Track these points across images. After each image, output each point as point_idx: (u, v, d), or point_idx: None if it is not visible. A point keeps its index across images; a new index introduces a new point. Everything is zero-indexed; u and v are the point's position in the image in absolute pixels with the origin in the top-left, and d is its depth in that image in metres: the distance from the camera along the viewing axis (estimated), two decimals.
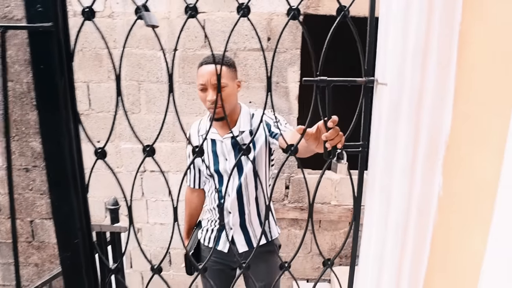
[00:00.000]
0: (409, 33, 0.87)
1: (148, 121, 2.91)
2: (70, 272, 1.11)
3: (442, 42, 0.85)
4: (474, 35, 0.80)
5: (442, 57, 0.86)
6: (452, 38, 0.84)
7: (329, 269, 1.00)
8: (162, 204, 3.10)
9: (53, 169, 1.00)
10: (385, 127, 0.94)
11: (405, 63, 0.89)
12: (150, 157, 0.99)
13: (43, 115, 0.95)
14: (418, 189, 0.93)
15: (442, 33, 0.84)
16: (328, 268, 0.94)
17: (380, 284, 1.02)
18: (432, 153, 0.90)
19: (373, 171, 1.00)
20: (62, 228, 1.07)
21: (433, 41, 0.85)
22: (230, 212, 1.97)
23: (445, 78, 0.87)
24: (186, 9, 0.81)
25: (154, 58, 2.85)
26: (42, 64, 0.91)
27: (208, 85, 1.77)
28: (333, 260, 0.93)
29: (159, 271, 1.07)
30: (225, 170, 1.92)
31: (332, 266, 0.96)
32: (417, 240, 0.95)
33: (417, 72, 0.88)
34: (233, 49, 2.87)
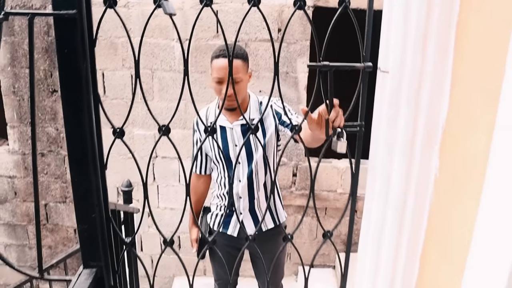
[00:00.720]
0: (409, 25, 0.92)
1: (160, 109, 2.99)
2: (87, 244, 1.18)
3: (440, 33, 0.90)
4: (471, 25, 0.85)
5: (440, 47, 0.91)
6: (450, 29, 0.90)
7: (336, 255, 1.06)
8: (173, 190, 3.18)
9: (74, 147, 1.07)
10: (386, 112, 1.00)
11: (405, 53, 0.94)
12: (161, 144, 1.05)
13: (66, 96, 1.01)
14: (416, 171, 0.99)
15: (441, 25, 0.90)
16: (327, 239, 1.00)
17: (379, 256, 1.09)
18: (430, 137, 0.96)
19: (375, 154, 1.06)
20: (80, 202, 1.14)
21: (432, 32, 0.91)
22: (241, 197, 2.03)
23: (443, 67, 0.92)
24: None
25: (167, 47, 2.91)
26: (66, 48, 0.98)
27: (225, 79, 1.82)
28: (332, 232, 0.99)
29: (171, 244, 1.14)
30: (234, 156, 1.98)
31: (331, 237, 1.02)
32: (415, 217, 1.01)
33: (416, 61, 0.93)
34: (245, 39, 2.93)
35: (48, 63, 2.95)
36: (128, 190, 2.14)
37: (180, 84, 3.00)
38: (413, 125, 0.97)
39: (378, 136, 1.04)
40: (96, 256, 1.18)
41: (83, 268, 1.20)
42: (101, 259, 1.18)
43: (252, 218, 2.08)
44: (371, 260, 1.13)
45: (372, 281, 1.16)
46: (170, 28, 2.89)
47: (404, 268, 1.09)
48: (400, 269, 1.10)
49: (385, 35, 1.01)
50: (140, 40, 1.00)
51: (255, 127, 0.93)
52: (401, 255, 1.09)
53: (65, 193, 3.27)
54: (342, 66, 0.82)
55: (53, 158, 3.17)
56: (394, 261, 1.10)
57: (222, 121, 1.98)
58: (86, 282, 1.14)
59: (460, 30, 0.88)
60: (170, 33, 2.90)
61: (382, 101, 1.02)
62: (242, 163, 1.98)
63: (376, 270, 1.14)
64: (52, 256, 3.48)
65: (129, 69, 2.96)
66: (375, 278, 1.15)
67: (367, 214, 1.13)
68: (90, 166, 1.09)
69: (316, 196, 3.09)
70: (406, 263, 1.09)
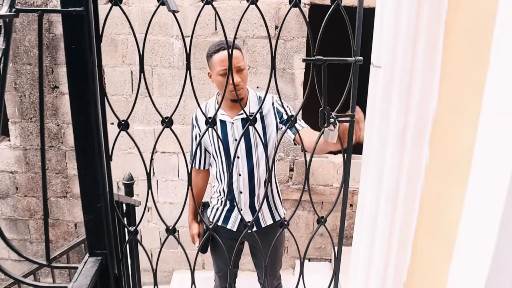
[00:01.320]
0: (400, 23, 0.97)
1: (160, 104, 3.03)
2: (93, 233, 1.23)
3: (430, 30, 0.95)
4: (458, 23, 0.90)
5: (429, 43, 0.96)
6: (439, 27, 0.94)
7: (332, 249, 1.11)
8: (172, 184, 3.23)
9: (81, 139, 1.11)
10: (379, 105, 1.05)
11: (397, 49, 0.99)
12: (160, 139, 1.10)
13: (73, 89, 1.06)
14: (408, 161, 1.04)
15: (430, 22, 0.95)
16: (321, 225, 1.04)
17: (373, 243, 1.14)
18: (420, 128, 1.01)
19: (368, 145, 1.11)
20: (86, 193, 1.18)
21: (422, 29, 0.96)
22: (241, 192, 2.08)
23: (432, 62, 0.97)
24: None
25: (166, 44, 2.95)
26: (73, 44, 1.02)
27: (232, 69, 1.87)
28: (325, 218, 1.04)
29: (173, 232, 1.19)
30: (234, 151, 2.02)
31: (325, 223, 1.07)
32: (407, 204, 1.06)
33: (407, 57, 0.98)
34: (242, 36, 2.97)
35: (49, 60, 2.99)
36: (129, 183, 2.19)
37: (179, 80, 3.05)
38: (404, 117, 1.02)
39: (372, 128, 1.09)
40: (101, 244, 1.22)
41: (88, 256, 1.24)
42: (106, 248, 1.23)
43: (251, 214, 2.13)
44: (365, 247, 1.18)
45: (366, 268, 1.21)
46: (169, 25, 2.93)
47: (397, 255, 1.14)
48: (393, 257, 1.15)
49: (377, 32, 1.06)
50: (144, 37, 1.05)
51: (253, 118, 0.98)
52: (393, 243, 1.14)
53: (66, 188, 3.32)
54: (335, 60, 0.87)
55: (54, 154, 3.22)
56: (387, 249, 1.15)
57: (222, 116, 2.02)
58: (92, 269, 1.19)
59: (448, 28, 0.93)
60: (169, 30, 2.94)
61: (375, 94, 1.07)
62: (241, 158, 2.03)
63: (370, 257, 1.19)
64: (53, 250, 3.52)
65: (129, 65, 3.00)
66: (369, 265, 1.20)
67: (361, 203, 1.18)
68: (96, 157, 1.13)
69: (313, 191, 3.14)
70: (398, 251, 1.14)
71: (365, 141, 1.13)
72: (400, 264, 1.15)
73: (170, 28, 2.94)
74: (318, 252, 3.34)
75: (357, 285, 1.28)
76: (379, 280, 1.19)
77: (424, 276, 1.07)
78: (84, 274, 1.18)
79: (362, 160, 1.14)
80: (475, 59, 0.83)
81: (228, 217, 2.17)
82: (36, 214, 3.41)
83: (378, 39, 1.07)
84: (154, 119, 3.07)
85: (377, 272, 1.18)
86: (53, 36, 3.01)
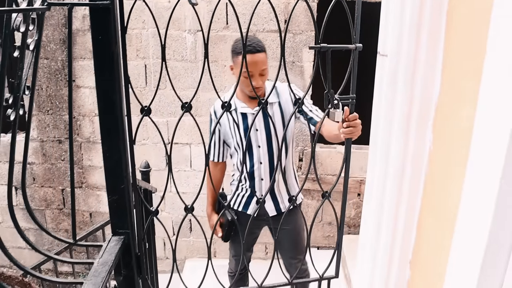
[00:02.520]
0: (405, 14, 1.04)
1: (173, 96, 3.10)
2: (116, 213, 1.30)
3: (432, 21, 1.02)
4: (458, 14, 0.96)
5: (432, 33, 1.02)
6: (440, 17, 1.01)
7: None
8: (184, 174, 3.31)
9: (106, 123, 1.19)
10: (385, 92, 1.12)
11: (402, 39, 1.06)
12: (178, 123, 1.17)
13: (99, 77, 1.13)
14: (413, 144, 1.11)
15: (433, 13, 1.01)
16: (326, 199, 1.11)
17: (380, 224, 1.21)
18: (424, 113, 1.08)
19: (375, 130, 1.18)
20: (110, 175, 1.26)
21: (425, 20, 1.02)
22: (263, 179, 2.17)
23: (435, 50, 1.03)
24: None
25: (179, 38, 3.03)
26: (100, 35, 1.09)
27: (255, 73, 1.96)
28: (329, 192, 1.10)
29: (191, 210, 1.26)
30: (255, 140, 2.11)
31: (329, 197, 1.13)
32: (412, 186, 1.13)
33: (411, 46, 1.05)
34: (253, 30, 3.04)
35: (66, 54, 3.08)
36: (146, 170, 2.27)
37: (191, 73, 3.12)
38: (409, 103, 1.09)
39: (378, 113, 1.16)
40: (124, 224, 1.30)
41: (112, 235, 1.32)
42: (128, 227, 1.30)
43: (272, 199, 2.21)
44: (373, 228, 1.25)
45: (374, 248, 1.27)
46: (182, 19, 3.00)
47: (403, 235, 1.20)
48: (399, 237, 1.21)
49: (383, 23, 1.13)
50: (165, 30, 1.12)
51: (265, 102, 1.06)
52: (399, 224, 1.20)
53: (81, 179, 3.41)
54: (337, 47, 0.95)
55: None
56: (393, 229, 1.22)
57: (243, 108, 2.11)
58: (115, 247, 1.26)
59: (450, 18, 0.99)
60: (182, 25, 3.01)
61: (381, 81, 1.14)
62: (262, 147, 2.11)
63: (378, 238, 1.26)
64: (69, 238, 3.62)
65: (143, 59, 3.08)
66: (377, 245, 1.26)
67: (369, 186, 1.25)
68: (120, 141, 1.20)
69: (321, 180, 3.21)
70: (404, 231, 1.20)
71: (372, 126, 1.20)
72: (405, 243, 1.22)
73: (182, 22, 3.01)
74: (326, 240, 3.41)
75: (365, 265, 1.35)
76: (386, 259, 1.25)
77: (428, 253, 1.14)
78: (109, 251, 1.25)
79: (370, 143, 1.21)
80: (473, 48, 0.89)
81: (248, 203, 2.26)
82: (53, 204, 3.51)
83: (384, 30, 1.13)
84: (168, 110, 3.15)
85: (384, 252, 1.25)
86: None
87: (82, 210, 3.51)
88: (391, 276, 1.26)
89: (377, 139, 1.17)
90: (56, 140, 3.30)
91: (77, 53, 3.12)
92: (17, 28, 0.97)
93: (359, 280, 1.41)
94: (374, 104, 1.17)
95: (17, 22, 0.97)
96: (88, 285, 1.09)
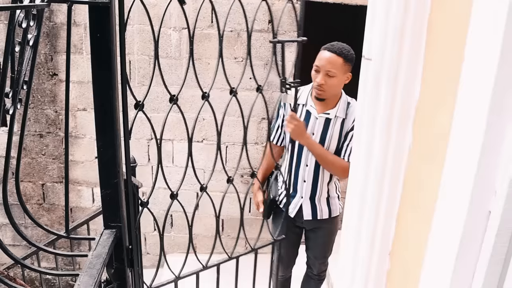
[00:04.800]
0: (389, 20, 1.10)
1: (157, 93, 3.14)
2: (109, 207, 1.34)
3: (415, 27, 1.08)
4: (439, 20, 1.03)
5: (414, 38, 1.09)
6: (422, 23, 1.07)
7: None
8: (167, 170, 3.33)
9: (101, 119, 1.22)
10: (369, 93, 1.18)
11: (385, 44, 1.12)
12: (156, 126, 1.22)
13: (97, 73, 1.17)
14: (394, 142, 1.17)
15: (415, 19, 1.07)
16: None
17: (362, 218, 1.27)
18: (405, 114, 1.14)
19: (359, 129, 1.25)
20: (104, 169, 1.29)
21: (408, 26, 1.08)
22: (305, 181, 2.23)
23: (416, 55, 1.10)
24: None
25: (164, 35, 3.06)
26: (98, 32, 1.13)
27: (321, 70, 2.00)
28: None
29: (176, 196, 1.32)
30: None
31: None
32: (392, 182, 1.20)
33: (395, 50, 1.11)
34: (237, 29, 3.09)
35: (49, 47, 3.08)
36: (133, 165, 2.30)
37: (175, 70, 3.15)
38: (391, 105, 1.15)
39: (362, 114, 1.22)
40: (116, 218, 1.33)
41: (104, 228, 1.35)
42: (120, 220, 1.34)
43: (311, 205, 2.29)
44: (355, 222, 1.32)
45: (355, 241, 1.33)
46: (168, 17, 3.04)
47: (383, 228, 1.27)
48: (379, 230, 1.28)
49: (369, 28, 1.19)
50: (159, 28, 1.17)
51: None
52: (380, 217, 1.27)
53: (62, 173, 3.40)
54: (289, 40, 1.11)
55: (52, 140, 3.30)
56: (374, 223, 1.28)
57: (311, 108, 2.16)
58: (108, 240, 1.30)
59: (431, 24, 1.06)
60: (167, 22, 3.05)
61: (365, 84, 1.21)
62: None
63: (359, 231, 1.32)
64: (48, 234, 3.61)
65: (127, 55, 3.10)
66: (359, 238, 1.33)
67: (352, 181, 1.31)
68: (115, 136, 1.24)
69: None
70: (384, 224, 1.27)
71: (356, 126, 1.26)
72: (385, 236, 1.28)
73: (168, 20, 3.04)
74: None
75: (347, 256, 1.41)
76: (367, 251, 1.32)
77: (406, 245, 1.21)
78: (102, 244, 1.29)
79: (353, 141, 1.27)
80: (452, 53, 0.96)
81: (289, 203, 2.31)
82: (32, 199, 3.50)
83: (369, 35, 1.20)
84: (152, 106, 3.18)
85: (366, 244, 1.31)
86: (53, 25, 3.09)
87: (63, 205, 3.51)
88: (371, 268, 1.33)
89: (361, 138, 1.23)
90: (37, 134, 3.29)
91: (61, 47, 3.12)
92: (19, 24, 1.00)
93: (341, 273, 1.47)
94: (358, 105, 1.23)
95: (20, 19, 1.00)
96: (84, 276, 1.13)
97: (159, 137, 1.28)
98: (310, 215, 2.30)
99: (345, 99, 2.19)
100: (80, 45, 3.06)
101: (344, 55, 2.01)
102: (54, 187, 3.45)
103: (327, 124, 2.14)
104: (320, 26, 3.51)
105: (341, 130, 2.15)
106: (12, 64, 1.01)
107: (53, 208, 3.51)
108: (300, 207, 2.32)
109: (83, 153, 3.33)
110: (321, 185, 2.25)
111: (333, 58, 1.98)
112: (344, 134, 2.16)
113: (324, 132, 2.16)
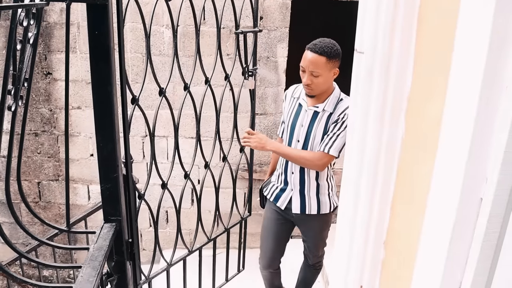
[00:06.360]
0: (380, 14, 1.13)
1: (150, 90, 3.15)
2: (109, 201, 1.36)
3: (405, 20, 1.11)
4: (429, 13, 1.06)
5: (405, 31, 1.11)
6: (413, 17, 1.10)
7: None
8: (161, 167, 3.34)
9: (100, 114, 1.25)
10: (362, 85, 1.21)
11: (377, 37, 1.15)
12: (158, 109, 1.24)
13: (95, 69, 1.19)
14: (387, 133, 1.20)
15: (406, 13, 1.10)
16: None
17: (356, 208, 1.30)
18: (397, 105, 1.17)
19: (353, 120, 1.28)
20: (104, 164, 1.32)
21: (399, 19, 1.11)
22: (293, 173, 2.30)
23: (407, 48, 1.13)
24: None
25: (157, 33, 3.07)
26: (97, 30, 1.15)
27: (306, 70, 2.05)
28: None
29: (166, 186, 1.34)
30: (297, 134, 2.25)
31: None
32: (386, 171, 1.23)
33: (386, 43, 1.14)
34: (229, 26, 3.11)
35: (42, 47, 3.08)
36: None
37: (168, 67, 3.17)
38: (383, 96, 1.18)
39: (356, 106, 1.25)
40: (116, 211, 1.36)
41: (104, 222, 1.38)
42: (120, 214, 1.36)
43: (300, 199, 2.36)
44: (350, 212, 1.35)
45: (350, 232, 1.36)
46: (160, 15, 3.05)
47: (378, 218, 1.30)
48: (374, 220, 1.31)
49: (360, 22, 1.22)
50: (149, 27, 1.19)
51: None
52: (374, 207, 1.30)
53: (58, 172, 3.42)
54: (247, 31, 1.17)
55: (47, 138, 3.31)
56: (369, 212, 1.31)
57: (302, 101, 2.24)
58: (108, 233, 1.33)
59: (421, 17, 1.09)
60: (160, 20, 3.06)
61: (358, 76, 1.24)
62: (300, 142, 2.28)
63: (354, 222, 1.35)
64: (44, 232, 3.62)
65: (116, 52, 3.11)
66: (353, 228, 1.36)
67: (347, 171, 1.34)
68: (114, 132, 1.26)
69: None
70: (379, 214, 1.30)
71: (350, 118, 1.29)
72: (380, 225, 1.31)
73: (160, 17, 3.06)
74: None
75: (343, 246, 1.44)
76: (361, 241, 1.35)
77: (400, 234, 1.24)
78: (102, 237, 1.31)
79: (347, 132, 1.31)
80: (442, 45, 0.98)
81: (279, 196, 2.43)
82: (28, 197, 3.50)
83: (361, 29, 1.23)
84: (145, 104, 3.20)
85: (360, 234, 1.34)
86: (47, 24, 3.09)
87: (59, 203, 3.52)
88: (367, 257, 1.36)
89: (355, 130, 1.26)
90: (32, 133, 3.30)
91: (55, 46, 3.13)
92: (20, 22, 1.02)
93: (337, 263, 1.50)
94: (351, 98, 1.26)
95: (21, 17, 1.02)
96: (87, 268, 1.16)
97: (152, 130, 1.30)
98: (299, 208, 2.36)
99: (337, 95, 2.24)
100: (74, 44, 3.07)
101: (327, 53, 2.05)
102: (50, 185, 3.46)
103: (315, 116, 2.21)
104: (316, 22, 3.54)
105: (326, 123, 2.22)
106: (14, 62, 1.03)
107: (49, 206, 3.52)
108: (290, 200, 2.40)
109: (78, 151, 3.35)
110: (308, 177, 2.32)
111: (315, 59, 2.03)
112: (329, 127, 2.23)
113: (311, 124, 2.24)
